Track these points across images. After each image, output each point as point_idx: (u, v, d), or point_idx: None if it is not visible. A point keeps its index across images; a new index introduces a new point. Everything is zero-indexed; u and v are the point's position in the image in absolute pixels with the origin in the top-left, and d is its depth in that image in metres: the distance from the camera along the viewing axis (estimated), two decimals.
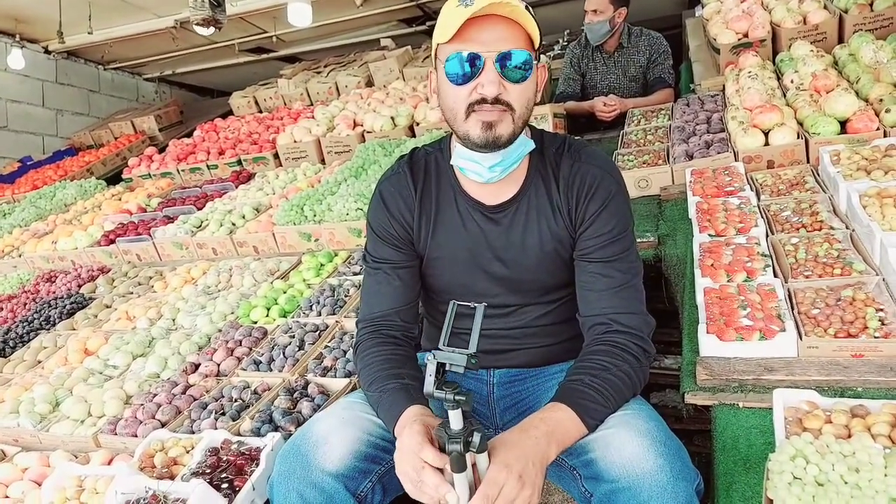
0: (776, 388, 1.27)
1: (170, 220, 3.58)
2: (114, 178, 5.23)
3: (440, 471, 0.99)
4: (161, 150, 5.23)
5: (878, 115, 2.23)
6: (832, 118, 2.27)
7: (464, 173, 1.28)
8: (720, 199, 2.08)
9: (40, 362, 2.43)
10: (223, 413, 1.72)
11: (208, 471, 1.41)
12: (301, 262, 2.75)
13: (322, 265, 2.67)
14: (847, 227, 1.76)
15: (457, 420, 0.95)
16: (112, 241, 3.48)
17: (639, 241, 1.86)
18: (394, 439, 1.11)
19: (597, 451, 1.09)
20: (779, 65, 2.98)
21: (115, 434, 1.77)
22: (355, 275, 2.47)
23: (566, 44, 4.73)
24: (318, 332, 2.07)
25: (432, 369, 0.95)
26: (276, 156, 4.32)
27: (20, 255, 3.77)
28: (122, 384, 2.05)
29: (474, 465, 0.99)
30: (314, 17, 5.06)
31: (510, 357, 1.43)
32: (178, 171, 4.66)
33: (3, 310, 3.08)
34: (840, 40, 3.00)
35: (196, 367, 2.05)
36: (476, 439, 0.95)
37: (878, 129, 2.18)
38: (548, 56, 4.73)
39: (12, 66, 5.74)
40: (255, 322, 2.30)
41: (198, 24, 4.32)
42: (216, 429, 1.61)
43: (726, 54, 3.25)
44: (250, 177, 4.18)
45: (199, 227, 3.35)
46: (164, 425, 1.74)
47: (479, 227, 1.33)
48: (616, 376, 1.16)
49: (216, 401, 1.80)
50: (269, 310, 2.36)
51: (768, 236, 1.82)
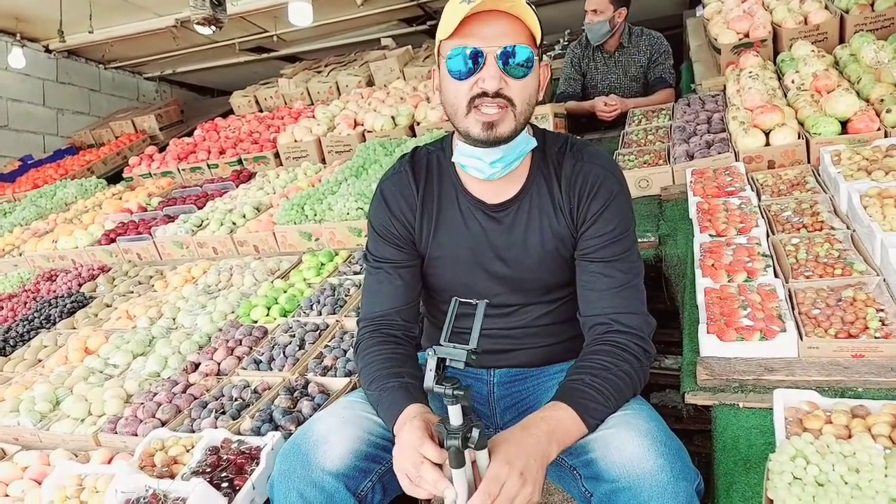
0: (776, 388, 1.27)
1: (170, 219, 3.58)
2: (114, 178, 5.23)
3: (439, 466, 0.99)
4: (162, 149, 5.23)
5: (878, 115, 2.23)
6: (833, 118, 2.27)
7: (465, 170, 1.28)
8: (721, 199, 2.08)
9: (41, 361, 2.43)
10: (223, 412, 1.72)
11: (208, 470, 1.41)
12: (301, 262, 2.75)
13: (322, 264, 2.67)
14: (848, 228, 1.76)
15: (456, 416, 0.95)
16: (112, 240, 3.48)
17: (639, 241, 1.86)
18: (394, 438, 1.11)
19: (597, 451, 1.09)
20: (780, 65, 2.98)
21: (116, 433, 1.77)
22: (356, 274, 2.47)
23: (567, 44, 4.72)
24: (318, 332, 2.07)
25: (432, 364, 0.96)
26: (277, 155, 4.32)
27: (21, 254, 3.77)
28: (123, 383, 2.05)
29: (474, 463, 1.00)
30: (315, 17, 5.05)
31: (510, 357, 1.43)
32: (178, 170, 4.66)
33: (3, 309, 3.08)
34: (841, 40, 3.00)
35: (196, 366, 2.06)
36: (475, 434, 0.95)
37: (878, 129, 2.18)
38: (548, 56, 4.73)
39: (13, 65, 5.74)
40: (256, 321, 2.30)
41: (198, 24, 4.31)
42: (216, 428, 1.61)
43: (727, 54, 3.25)
44: (251, 176, 4.18)
45: (199, 226, 3.35)
46: (164, 424, 1.74)
47: (480, 225, 1.33)
48: (616, 376, 1.16)
49: (216, 400, 1.80)
50: (269, 309, 2.36)
51: (769, 236, 1.82)
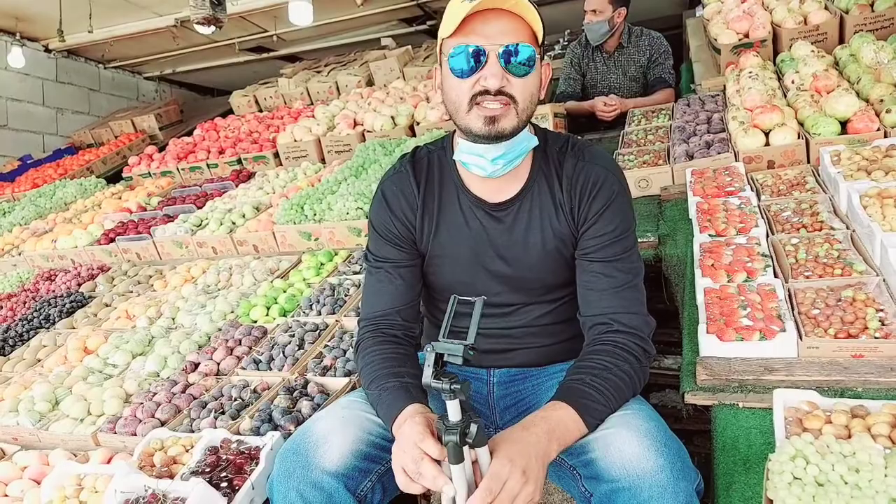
0: (776, 388, 1.27)
1: (170, 218, 3.58)
2: (114, 177, 5.23)
3: (439, 463, 0.99)
4: (161, 148, 5.23)
5: (878, 115, 2.23)
6: (833, 118, 2.27)
7: (467, 168, 1.28)
8: (720, 199, 2.08)
9: (40, 361, 2.43)
10: (223, 412, 1.71)
11: (208, 470, 1.40)
12: (301, 262, 2.75)
13: (322, 264, 2.67)
14: (847, 228, 1.76)
15: (455, 411, 0.95)
16: (112, 240, 3.47)
17: (639, 241, 1.86)
18: (394, 438, 1.11)
19: (597, 451, 1.09)
20: (779, 65, 2.98)
21: (115, 433, 1.77)
22: (355, 274, 2.47)
23: (566, 44, 4.73)
24: (317, 332, 2.07)
25: (430, 360, 0.96)
26: (277, 155, 4.32)
27: (20, 254, 3.77)
28: (122, 383, 2.04)
29: (475, 462, 1.00)
30: (315, 17, 5.05)
31: (510, 357, 1.43)
32: (178, 169, 4.66)
33: (2, 308, 3.08)
34: (841, 41, 3.01)
35: (196, 365, 2.05)
36: (473, 430, 0.95)
37: (878, 129, 2.18)
38: (548, 56, 4.73)
39: (12, 65, 5.74)
40: (255, 321, 2.30)
41: (198, 23, 4.31)
42: (216, 428, 1.61)
43: (727, 54, 3.25)
44: (250, 176, 4.18)
45: (199, 225, 3.35)
46: (163, 424, 1.74)
47: (481, 224, 1.32)
48: (616, 376, 1.16)
49: (216, 400, 1.80)
50: (268, 309, 2.36)
51: (768, 236, 1.82)
